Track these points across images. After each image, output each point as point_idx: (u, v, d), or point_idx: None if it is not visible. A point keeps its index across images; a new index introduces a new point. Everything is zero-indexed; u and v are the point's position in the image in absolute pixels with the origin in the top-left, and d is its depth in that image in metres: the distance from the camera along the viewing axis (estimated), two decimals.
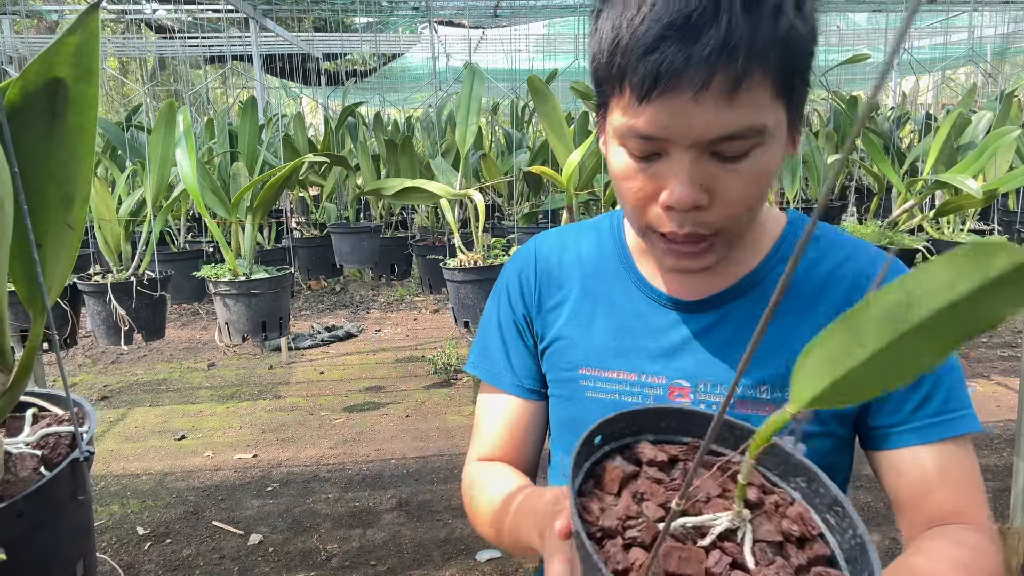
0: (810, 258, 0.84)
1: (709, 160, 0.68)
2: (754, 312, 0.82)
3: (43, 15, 5.03)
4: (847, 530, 0.50)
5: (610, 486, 0.54)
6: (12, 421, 0.62)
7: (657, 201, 0.71)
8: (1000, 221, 3.16)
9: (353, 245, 3.07)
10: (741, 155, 0.68)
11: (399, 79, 8.30)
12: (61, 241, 0.56)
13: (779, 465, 0.56)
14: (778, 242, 0.85)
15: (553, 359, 0.91)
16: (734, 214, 0.71)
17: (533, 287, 0.93)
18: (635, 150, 0.71)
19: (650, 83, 0.64)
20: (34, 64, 0.53)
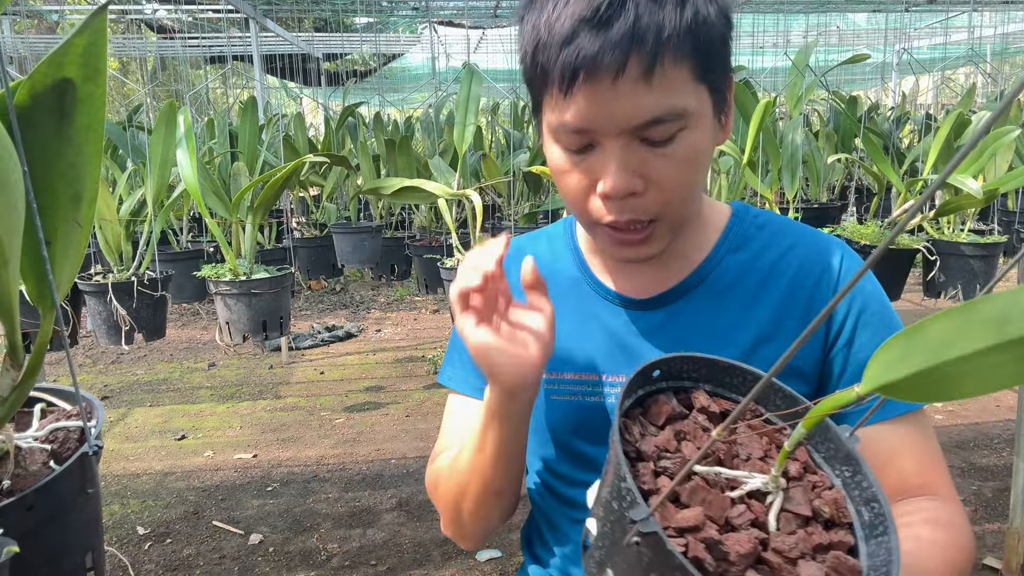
0: (754, 248, 0.85)
1: (639, 147, 0.71)
2: (705, 306, 0.84)
3: (44, 15, 5.04)
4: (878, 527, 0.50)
5: (656, 418, 0.55)
6: (21, 416, 0.62)
7: (595, 192, 0.74)
8: (1000, 221, 3.17)
9: (353, 245, 3.07)
10: (668, 139, 0.70)
11: (399, 79, 8.30)
12: (70, 239, 0.56)
13: (829, 450, 0.56)
14: (723, 234, 0.87)
15: None
16: (669, 199, 0.73)
17: None
18: (568, 144, 0.73)
19: (570, 74, 0.68)
20: (43, 65, 0.54)
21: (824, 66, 5.93)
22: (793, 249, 0.84)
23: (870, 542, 0.50)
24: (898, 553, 0.47)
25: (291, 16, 5.22)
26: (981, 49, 6.73)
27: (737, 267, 0.85)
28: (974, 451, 3.16)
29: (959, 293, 2.44)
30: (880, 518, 0.50)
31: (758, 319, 0.82)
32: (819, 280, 0.83)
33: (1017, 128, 2.35)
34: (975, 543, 0.75)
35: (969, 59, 5.14)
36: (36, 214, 0.53)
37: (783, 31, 5.92)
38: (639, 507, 0.43)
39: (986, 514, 2.65)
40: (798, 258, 0.84)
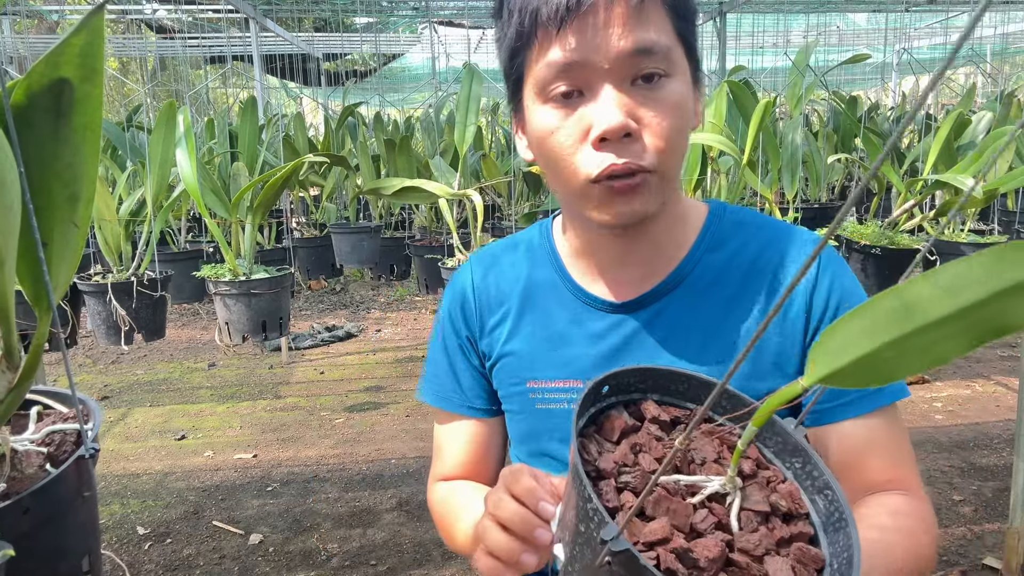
0: (733, 246, 0.86)
1: (629, 89, 0.72)
2: (686, 306, 0.84)
3: (43, 15, 5.03)
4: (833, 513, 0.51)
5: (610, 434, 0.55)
6: (17, 419, 0.62)
7: (588, 142, 0.73)
8: (999, 221, 3.17)
9: (353, 245, 3.07)
10: (656, 80, 0.72)
11: (399, 79, 8.30)
12: (67, 240, 0.56)
13: (777, 444, 0.57)
14: (702, 232, 0.87)
15: (501, 375, 0.92)
16: (660, 147, 0.73)
17: (474, 308, 0.95)
18: (558, 89, 0.73)
19: (563, 10, 0.70)
20: (39, 65, 0.54)
21: (824, 66, 5.93)
22: (772, 245, 0.85)
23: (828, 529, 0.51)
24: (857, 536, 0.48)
25: (291, 16, 5.22)
26: (981, 49, 6.73)
27: (717, 265, 0.85)
28: (974, 451, 3.15)
29: None
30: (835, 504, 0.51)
31: (740, 316, 0.82)
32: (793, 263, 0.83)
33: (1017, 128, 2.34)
34: (937, 540, 0.76)
35: (969, 59, 5.14)
36: (32, 215, 0.52)
37: (783, 31, 5.92)
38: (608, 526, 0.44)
39: (986, 514, 2.64)
40: (778, 254, 0.84)
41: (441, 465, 0.97)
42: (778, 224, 0.88)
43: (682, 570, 0.45)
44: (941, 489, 2.84)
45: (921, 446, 3.21)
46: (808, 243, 0.85)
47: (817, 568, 0.48)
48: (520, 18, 0.74)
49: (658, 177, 0.75)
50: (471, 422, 0.95)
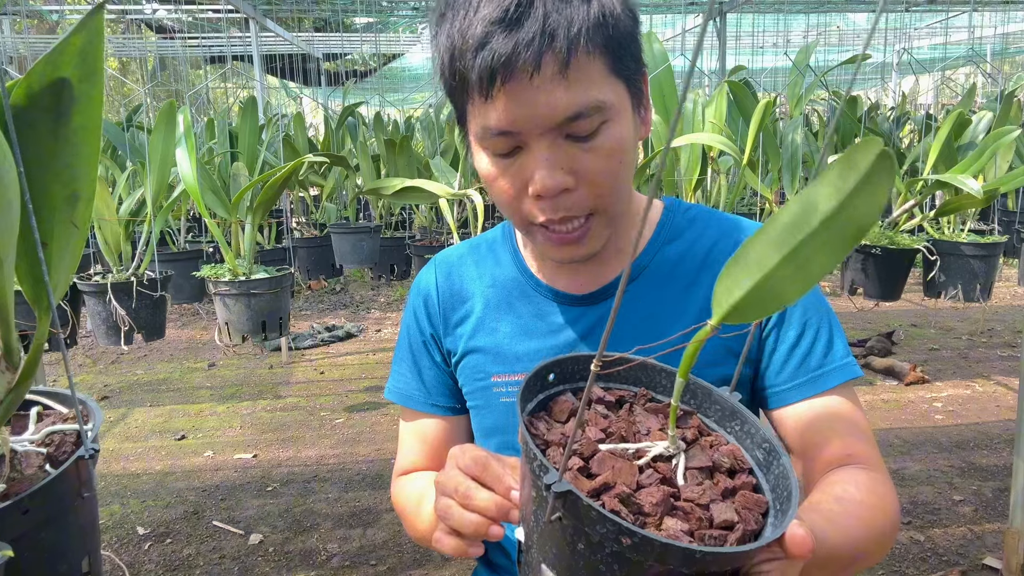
0: (688, 238, 0.89)
1: (565, 143, 0.72)
2: (646, 295, 0.87)
3: (43, 15, 5.03)
4: (772, 463, 0.54)
5: (559, 415, 0.58)
6: (17, 419, 0.62)
7: (527, 195, 0.75)
8: (1000, 221, 3.17)
9: (353, 245, 3.07)
10: (592, 133, 0.72)
11: (399, 79, 8.30)
12: (66, 240, 0.56)
13: (716, 412, 0.61)
14: (658, 228, 0.90)
15: (466, 372, 0.94)
16: (600, 192, 0.75)
17: (437, 307, 0.96)
18: (496, 149, 0.74)
19: (488, 76, 0.69)
20: (39, 64, 0.54)
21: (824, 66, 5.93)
22: (727, 236, 0.88)
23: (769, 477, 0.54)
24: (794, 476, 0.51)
25: (291, 16, 5.22)
26: (981, 49, 6.73)
27: (674, 256, 0.88)
28: (974, 451, 3.15)
29: (959, 293, 2.44)
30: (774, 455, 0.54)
31: (696, 303, 0.85)
32: None
33: (1017, 128, 2.34)
34: (899, 510, 0.78)
35: (969, 59, 5.14)
36: (32, 215, 0.52)
37: (783, 31, 5.92)
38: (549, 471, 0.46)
39: (986, 514, 2.64)
40: (731, 244, 0.87)
41: (403, 460, 0.99)
42: (729, 218, 0.92)
43: (626, 512, 0.47)
44: (941, 489, 2.83)
45: (921, 446, 3.21)
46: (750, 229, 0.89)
47: (761, 512, 0.51)
48: (451, 72, 0.72)
49: (602, 217, 0.77)
50: (433, 420, 0.97)
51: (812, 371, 0.82)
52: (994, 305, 5.56)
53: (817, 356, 0.83)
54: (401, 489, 0.96)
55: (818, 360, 0.83)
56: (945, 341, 4.75)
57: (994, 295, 2.61)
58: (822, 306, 0.86)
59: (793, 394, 0.83)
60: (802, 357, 0.83)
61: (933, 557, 2.40)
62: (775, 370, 0.84)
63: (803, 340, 0.83)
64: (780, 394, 0.83)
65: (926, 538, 2.51)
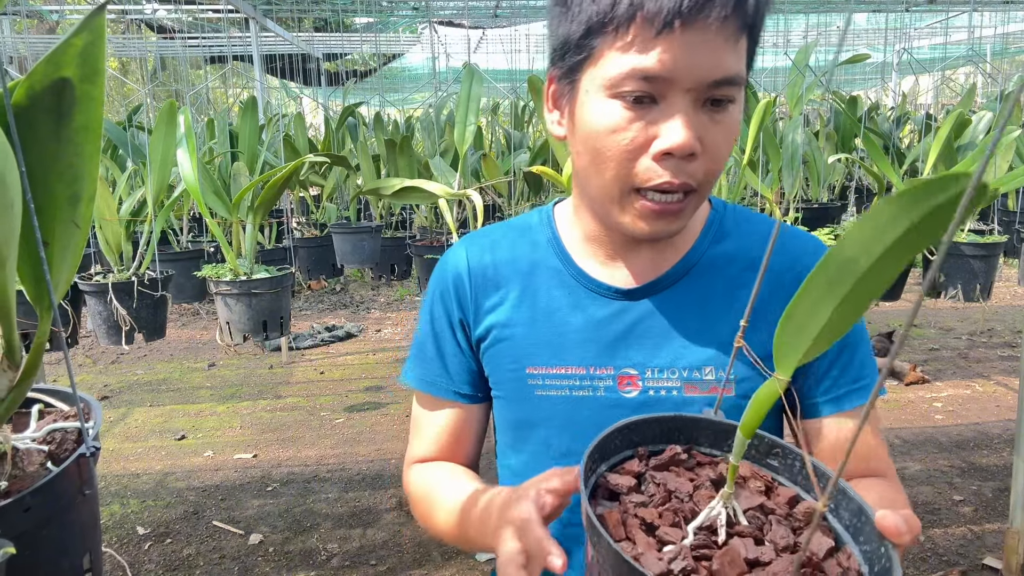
0: (737, 238, 0.87)
1: (701, 109, 0.71)
2: (693, 295, 0.84)
3: (43, 16, 5.04)
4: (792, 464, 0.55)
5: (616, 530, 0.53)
6: (18, 417, 0.62)
7: (647, 152, 0.71)
8: (1000, 221, 3.17)
9: (353, 245, 3.07)
10: (724, 104, 0.72)
11: (399, 79, 8.30)
12: (68, 240, 0.56)
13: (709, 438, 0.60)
14: (706, 226, 0.88)
15: (496, 361, 0.90)
16: (715, 169, 0.74)
17: (468, 291, 0.92)
18: (632, 94, 0.70)
19: (672, 12, 0.66)
20: (41, 65, 0.54)
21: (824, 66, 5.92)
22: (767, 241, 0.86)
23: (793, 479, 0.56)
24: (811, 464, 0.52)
25: (291, 16, 5.22)
26: (981, 49, 6.73)
27: (722, 256, 0.86)
28: (974, 451, 3.15)
29: (959, 293, 2.44)
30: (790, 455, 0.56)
31: (741, 307, 0.82)
32: (802, 269, 0.83)
33: (1017, 128, 2.34)
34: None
35: (969, 59, 5.14)
36: (34, 214, 0.52)
37: (783, 31, 5.92)
38: None
39: (986, 514, 2.65)
40: (782, 246, 0.85)
41: (419, 447, 0.96)
42: (772, 222, 0.90)
43: None
44: (941, 489, 2.84)
45: (921, 446, 3.21)
46: (810, 240, 0.87)
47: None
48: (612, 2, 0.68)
49: (696, 198, 0.76)
50: (455, 408, 0.94)
51: (847, 386, 0.82)
52: (994, 305, 5.56)
53: (852, 372, 0.83)
54: (417, 477, 0.94)
55: (853, 376, 0.83)
56: (945, 341, 4.75)
57: (994, 295, 2.61)
58: (859, 323, 0.86)
59: (827, 407, 0.83)
60: (839, 372, 0.83)
61: (933, 557, 2.40)
62: (815, 380, 0.83)
63: (841, 356, 0.83)
64: (814, 406, 0.83)
65: (926, 538, 2.51)
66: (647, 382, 0.83)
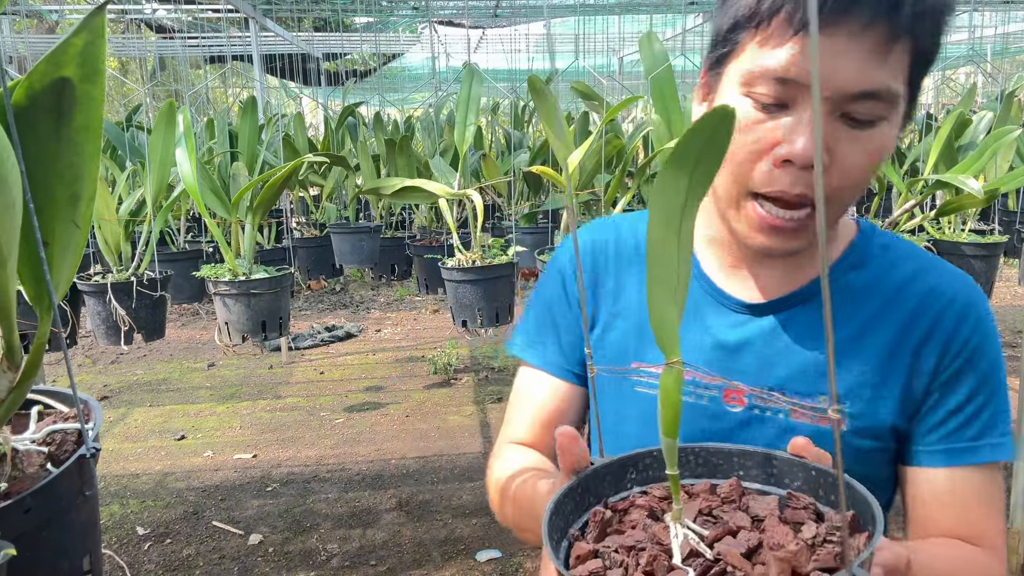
0: (878, 267, 0.80)
1: (836, 121, 0.67)
2: (818, 319, 0.79)
3: (43, 15, 5.03)
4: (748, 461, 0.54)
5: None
6: (18, 418, 0.62)
7: (770, 157, 0.68)
8: (1000, 221, 3.17)
9: (353, 245, 3.07)
10: (867, 123, 0.66)
11: (399, 79, 8.30)
12: (68, 240, 0.56)
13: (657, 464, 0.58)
14: (848, 249, 0.82)
15: (604, 348, 0.88)
16: (845, 186, 0.69)
17: (589, 270, 0.90)
18: (763, 96, 0.67)
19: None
20: (40, 64, 0.54)
21: None
22: (921, 275, 0.79)
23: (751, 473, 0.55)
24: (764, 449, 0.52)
25: (291, 16, 5.22)
26: (981, 49, 6.73)
27: (859, 285, 0.80)
28: None
29: None
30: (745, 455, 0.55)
31: (874, 343, 0.77)
32: (942, 312, 0.77)
33: (1017, 128, 2.34)
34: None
35: (969, 59, 5.14)
36: (34, 214, 0.52)
37: None
38: None
39: None
40: (926, 284, 0.78)
41: (516, 428, 0.92)
42: (926, 255, 0.83)
43: None
44: None
45: None
46: (958, 279, 0.80)
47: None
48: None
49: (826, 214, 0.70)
50: (561, 385, 0.90)
51: (964, 441, 0.76)
52: (994, 305, 5.55)
53: (975, 429, 0.76)
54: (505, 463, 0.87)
55: (974, 433, 0.76)
56: None
57: (994, 295, 2.61)
58: (996, 379, 0.78)
59: (936, 458, 0.76)
60: (958, 425, 0.76)
61: None
62: (926, 428, 0.77)
63: (966, 408, 0.76)
64: (922, 453, 0.77)
65: None
66: (754, 399, 0.79)
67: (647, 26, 3.43)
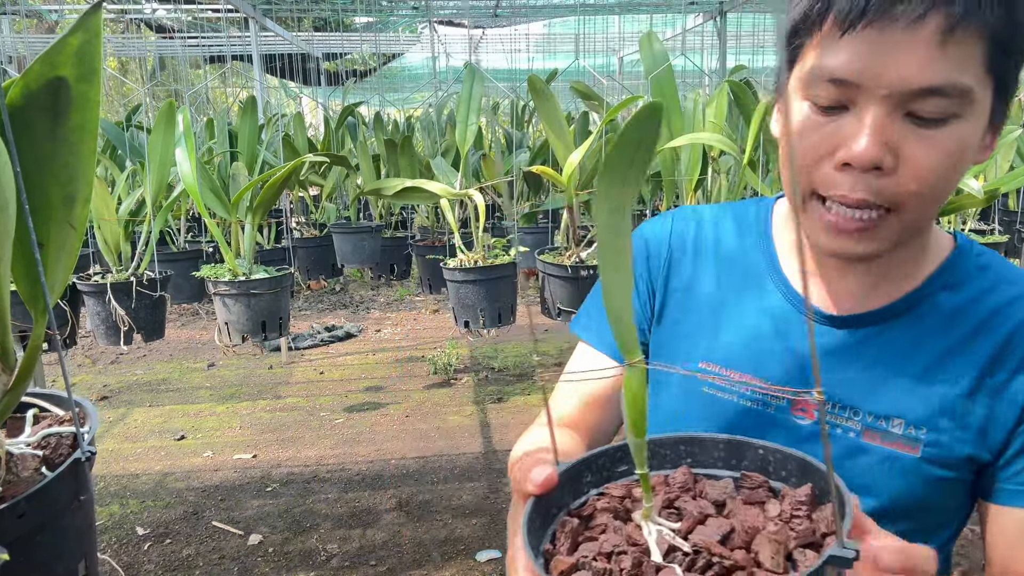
0: (974, 289, 0.76)
1: (901, 121, 0.63)
2: (905, 337, 0.75)
3: (43, 15, 5.03)
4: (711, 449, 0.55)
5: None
6: (13, 422, 0.62)
7: (832, 160, 0.66)
8: (1001, 221, 3.16)
9: (353, 245, 3.06)
10: (938, 121, 0.63)
11: (399, 79, 8.30)
12: (63, 241, 0.56)
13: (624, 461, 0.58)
14: (942, 266, 0.77)
15: (670, 342, 0.85)
16: (917, 190, 0.64)
17: (663, 259, 0.87)
18: (820, 98, 0.66)
19: (859, 9, 0.60)
20: (36, 64, 0.53)
21: None
22: (1019, 301, 0.74)
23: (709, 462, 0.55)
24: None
25: (291, 16, 5.21)
26: None
27: (950, 307, 0.75)
28: None
29: None
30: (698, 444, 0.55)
31: (962, 371, 0.73)
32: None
33: (1017, 128, 2.34)
34: None
35: None
36: (29, 216, 0.52)
37: None
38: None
39: None
40: (1022, 312, 0.73)
41: (563, 403, 0.88)
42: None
43: None
44: None
45: None
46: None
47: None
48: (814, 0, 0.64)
49: (898, 219, 0.66)
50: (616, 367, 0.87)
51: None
52: None
53: None
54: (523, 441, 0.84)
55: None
56: None
57: None
58: None
59: (1016, 497, 0.72)
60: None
61: None
62: (1014, 469, 0.73)
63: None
64: (1004, 490, 0.73)
65: None
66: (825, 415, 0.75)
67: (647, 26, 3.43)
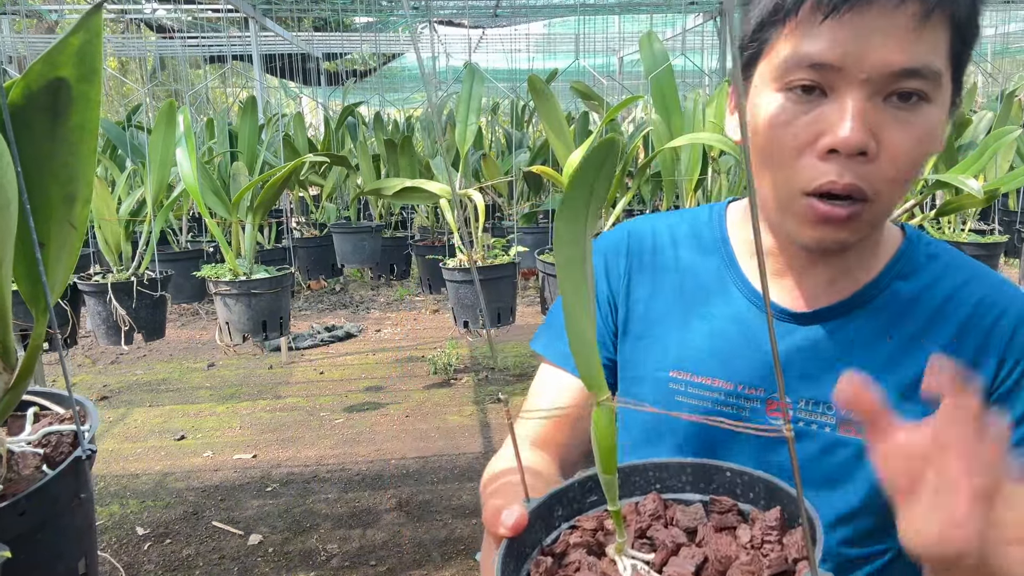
0: (926, 277, 0.78)
1: (879, 105, 0.64)
2: (869, 327, 0.76)
3: (43, 15, 5.03)
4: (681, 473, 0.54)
5: None
6: (14, 420, 0.62)
7: (815, 149, 0.66)
8: (1000, 221, 3.16)
9: (354, 245, 3.07)
10: (913, 104, 0.65)
11: (399, 79, 8.30)
12: (64, 240, 0.56)
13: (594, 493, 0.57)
14: (895, 257, 0.79)
15: (638, 354, 0.85)
16: (895, 176, 0.66)
17: (622, 271, 0.87)
18: (799, 83, 0.66)
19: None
20: (37, 64, 0.54)
21: None
22: (969, 285, 0.77)
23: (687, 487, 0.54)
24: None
25: (291, 16, 5.21)
26: (982, 49, 6.73)
27: (906, 295, 0.77)
28: None
29: None
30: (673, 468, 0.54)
31: (925, 352, 0.73)
32: (996, 322, 0.74)
33: (1018, 128, 2.34)
34: None
35: None
36: (29, 215, 0.52)
37: None
38: None
39: None
40: (975, 295, 0.76)
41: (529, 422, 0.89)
42: (975, 264, 0.80)
43: None
44: None
45: None
46: (1009, 289, 0.77)
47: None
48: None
49: (876, 207, 0.68)
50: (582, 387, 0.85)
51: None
52: None
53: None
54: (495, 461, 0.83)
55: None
56: None
57: None
58: None
59: None
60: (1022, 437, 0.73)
61: None
62: None
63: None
64: None
65: None
66: (799, 412, 0.77)
67: (647, 26, 3.43)
